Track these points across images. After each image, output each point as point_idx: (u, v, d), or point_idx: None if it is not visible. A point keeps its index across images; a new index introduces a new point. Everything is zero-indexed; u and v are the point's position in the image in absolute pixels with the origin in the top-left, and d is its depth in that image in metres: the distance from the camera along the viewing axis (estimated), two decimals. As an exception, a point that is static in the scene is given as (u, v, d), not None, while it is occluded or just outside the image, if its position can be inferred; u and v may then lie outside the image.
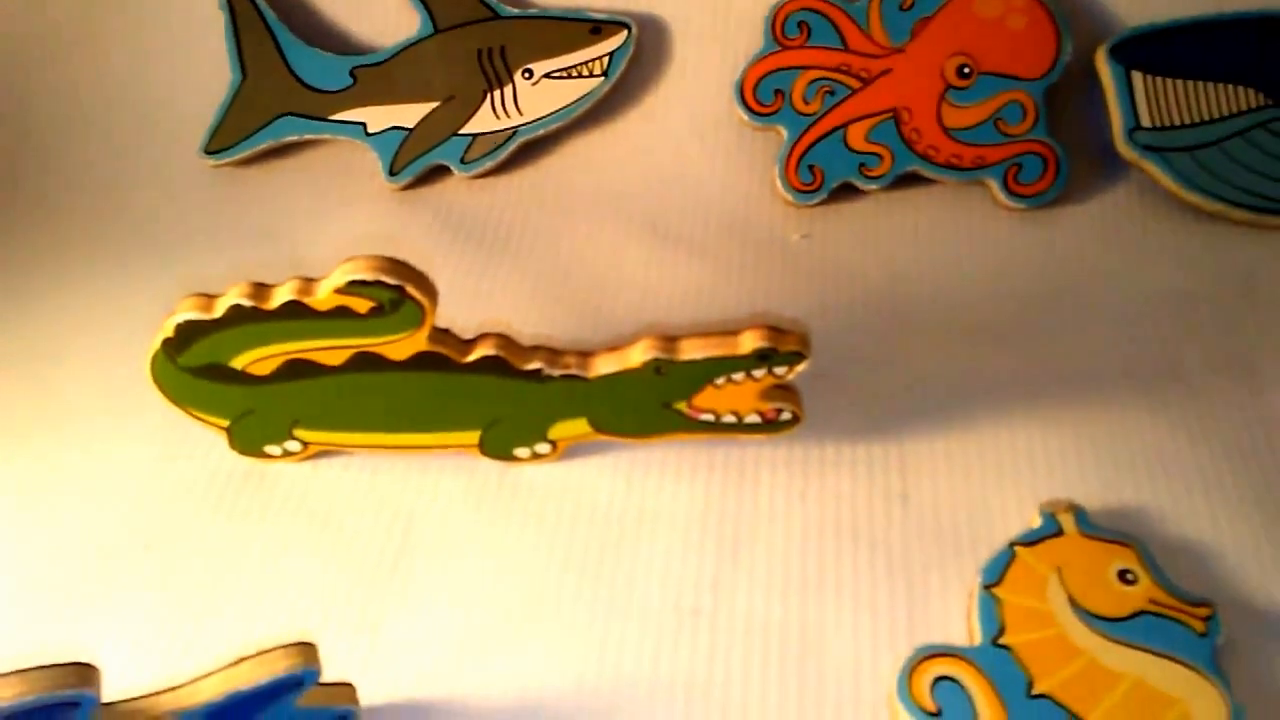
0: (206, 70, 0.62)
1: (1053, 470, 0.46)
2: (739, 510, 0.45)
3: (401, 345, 0.40)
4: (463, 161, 0.62)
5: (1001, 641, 0.38)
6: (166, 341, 0.40)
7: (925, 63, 0.58)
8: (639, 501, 0.46)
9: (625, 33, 0.60)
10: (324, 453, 0.48)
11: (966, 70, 0.58)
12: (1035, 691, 0.37)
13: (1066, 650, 0.38)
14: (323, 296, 0.38)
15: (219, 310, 0.39)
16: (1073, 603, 0.39)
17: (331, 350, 0.41)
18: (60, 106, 0.64)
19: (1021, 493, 0.45)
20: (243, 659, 0.33)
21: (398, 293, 0.38)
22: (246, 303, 0.39)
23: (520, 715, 0.39)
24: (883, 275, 0.56)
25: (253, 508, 0.46)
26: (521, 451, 0.46)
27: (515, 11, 0.61)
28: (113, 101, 0.64)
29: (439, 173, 0.62)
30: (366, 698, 0.38)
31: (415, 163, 0.62)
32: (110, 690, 0.32)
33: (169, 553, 0.45)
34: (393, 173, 0.62)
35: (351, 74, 0.61)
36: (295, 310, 0.39)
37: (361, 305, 0.39)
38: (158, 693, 0.34)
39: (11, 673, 0.30)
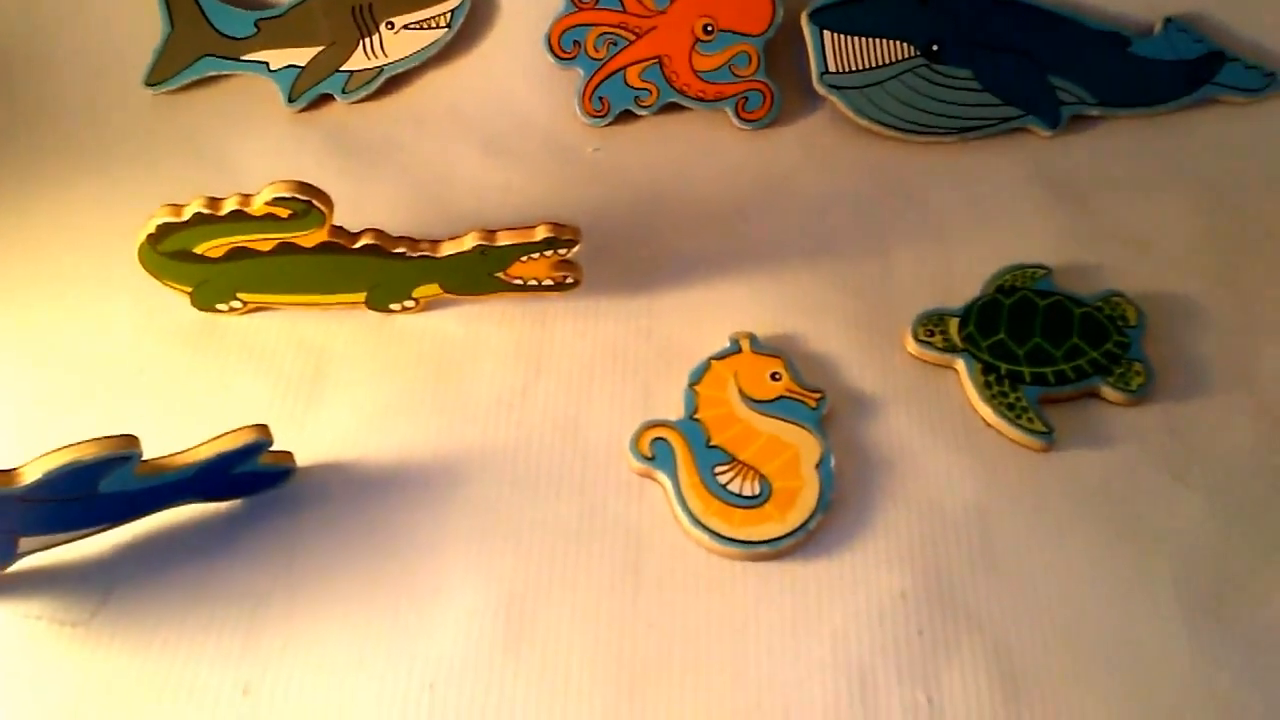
0: (143, 20, 0.70)
1: (742, 311, 0.61)
2: (540, 342, 0.60)
3: (310, 237, 0.55)
4: (344, 91, 0.71)
5: (695, 417, 0.56)
6: (149, 236, 0.55)
7: (681, 22, 0.69)
8: (474, 337, 0.60)
9: None
10: (258, 308, 0.61)
11: (709, 28, 0.69)
12: (712, 443, 0.55)
13: (733, 420, 0.56)
14: (257, 207, 0.53)
15: (186, 215, 0.53)
16: (741, 393, 0.57)
17: (263, 241, 0.55)
18: (21, 48, 0.72)
19: (720, 326, 0.60)
20: (225, 434, 0.49)
21: (307, 204, 0.53)
22: (205, 210, 0.53)
23: (403, 467, 0.55)
24: (650, 177, 0.69)
25: (209, 347, 0.60)
26: (395, 306, 0.61)
27: None
28: (66, 45, 0.71)
29: (325, 100, 0.72)
30: (300, 460, 0.54)
31: (307, 93, 0.71)
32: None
33: (151, 377, 0.58)
34: (290, 100, 0.71)
35: (256, 25, 0.70)
36: (238, 215, 0.53)
37: (283, 211, 0.53)
38: (173, 454, 0.49)
39: (87, 440, 0.45)
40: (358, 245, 0.56)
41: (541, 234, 0.56)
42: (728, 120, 0.71)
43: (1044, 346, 0.59)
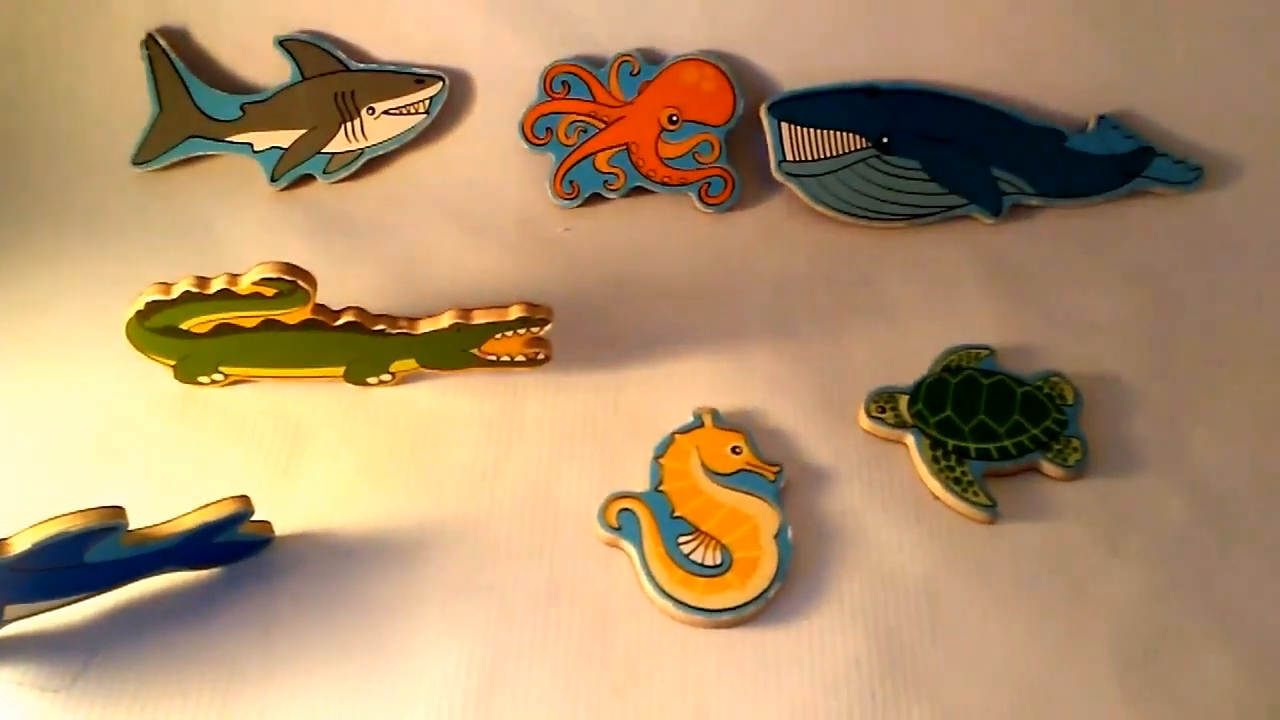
0: (131, 100, 0.73)
1: (704, 387, 0.64)
2: (511, 415, 0.63)
3: (294, 314, 0.57)
4: (325, 172, 0.75)
5: (660, 489, 0.59)
6: (138, 312, 0.57)
7: (648, 112, 0.73)
8: (448, 409, 0.63)
9: (441, 84, 0.73)
10: (239, 380, 0.63)
11: (674, 119, 0.73)
12: (676, 514, 0.58)
13: (695, 492, 0.59)
14: (244, 286, 0.55)
15: (175, 293, 0.56)
16: (703, 465, 0.60)
17: (248, 318, 0.58)
18: (11, 123, 0.75)
19: (684, 400, 0.63)
20: (208, 505, 0.51)
21: (292, 284, 0.55)
22: (194, 289, 0.55)
23: (379, 536, 0.57)
24: (617, 257, 0.72)
25: (191, 418, 0.62)
26: (372, 379, 0.63)
27: (361, 66, 0.73)
28: (56, 122, 0.75)
29: (307, 180, 0.75)
30: (278, 529, 0.57)
31: (290, 173, 0.75)
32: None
33: (134, 447, 0.61)
34: (273, 179, 0.75)
35: (241, 108, 0.73)
36: (225, 294, 0.55)
37: (269, 291, 0.55)
38: (158, 524, 0.50)
39: (75, 511, 0.46)
40: (339, 323, 0.59)
41: (515, 313, 0.59)
42: (691, 204, 0.75)
43: (988, 423, 0.62)
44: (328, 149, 0.75)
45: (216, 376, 0.63)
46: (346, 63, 0.73)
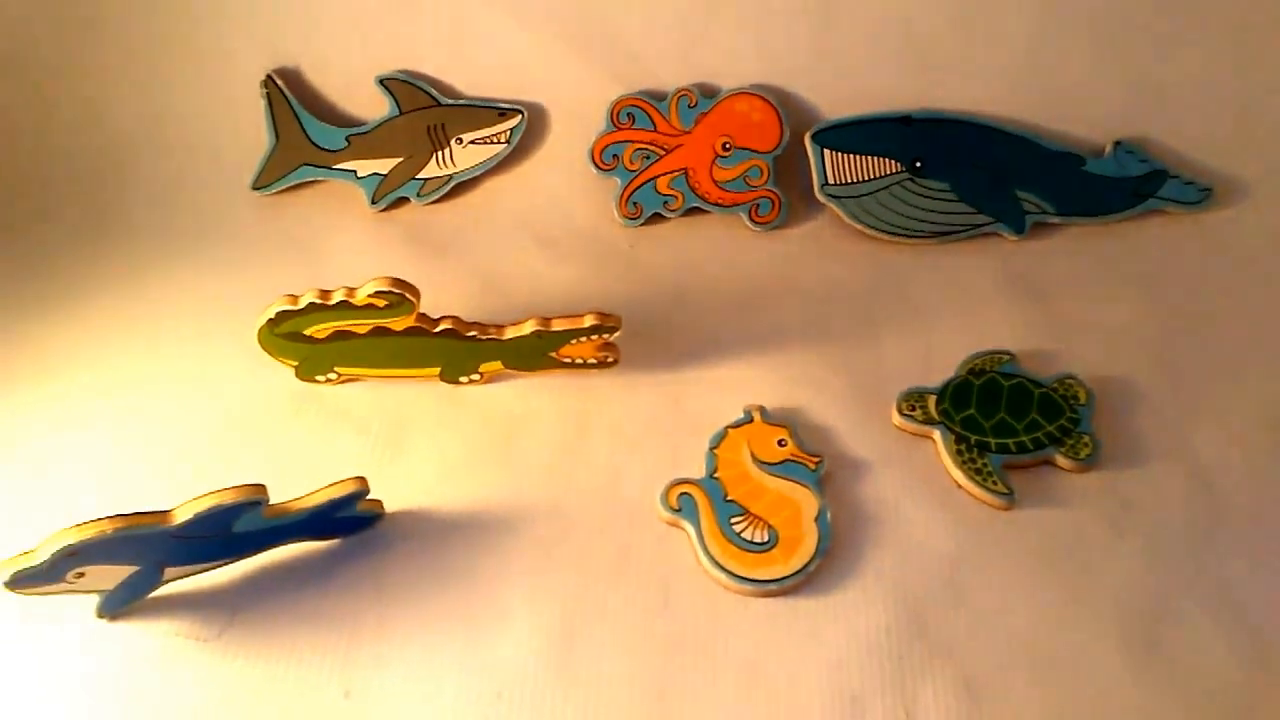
0: (251, 133, 0.80)
1: (754, 386, 0.69)
2: (584, 411, 0.68)
3: (400, 322, 0.64)
4: (419, 195, 0.80)
5: (715, 476, 0.64)
6: (269, 320, 0.64)
7: (704, 140, 0.78)
8: (529, 406, 0.69)
9: (520, 116, 0.79)
10: (351, 379, 0.70)
11: (728, 146, 0.78)
12: (728, 498, 0.63)
13: (746, 479, 0.64)
14: (360, 298, 0.62)
15: (301, 304, 0.62)
16: (753, 456, 0.65)
17: (361, 325, 0.64)
18: (146, 151, 0.82)
19: (736, 398, 0.67)
20: (332, 484, 0.58)
21: (401, 296, 0.62)
22: (318, 300, 0.62)
23: (472, 513, 0.63)
24: (676, 271, 0.77)
25: (310, 411, 0.69)
26: (463, 378, 0.69)
27: (450, 101, 0.79)
28: (189, 156, 0.81)
29: (403, 202, 0.81)
30: (388, 507, 0.63)
31: (388, 196, 0.80)
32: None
33: (263, 436, 0.67)
34: (373, 202, 0.80)
35: (346, 139, 0.79)
36: (343, 305, 0.62)
37: (381, 302, 0.62)
38: (292, 500, 0.57)
39: (227, 488, 0.53)
40: (438, 329, 0.65)
41: (589, 321, 0.65)
42: (742, 223, 0.80)
43: (1007, 420, 0.66)
44: (421, 175, 0.80)
45: (331, 375, 0.69)
46: (438, 98, 0.79)
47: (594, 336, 0.66)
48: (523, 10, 0.78)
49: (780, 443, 0.66)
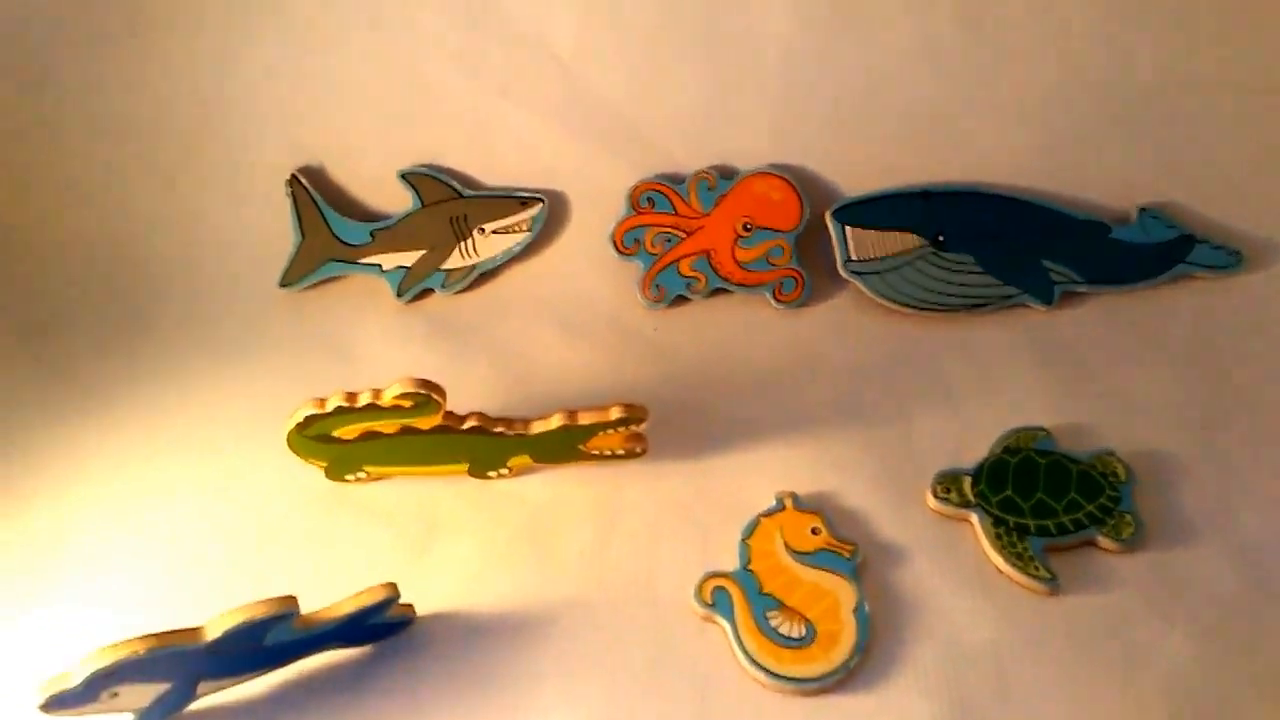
0: (276, 230, 0.80)
1: (784, 471, 0.68)
2: (614, 502, 0.67)
3: (426, 421, 0.64)
4: (443, 286, 0.81)
5: (749, 568, 0.63)
6: (297, 424, 0.63)
7: (724, 222, 0.78)
8: (558, 499, 0.68)
9: (541, 204, 0.80)
10: (379, 477, 0.70)
11: (748, 227, 0.78)
12: (763, 591, 0.62)
13: (780, 570, 0.63)
14: (386, 400, 0.61)
15: (329, 408, 0.62)
16: (786, 545, 0.64)
17: (388, 425, 0.64)
18: (173, 251, 0.83)
19: (766, 483, 0.67)
20: (362, 592, 0.57)
21: (427, 397, 0.62)
22: (344, 403, 0.62)
23: (504, 613, 0.62)
24: (701, 352, 0.77)
25: (339, 511, 0.68)
26: (492, 473, 0.69)
27: (472, 192, 0.79)
28: (214, 253, 0.82)
29: (427, 293, 0.81)
30: (418, 609, 0.62)
31: (413, 288, 0.81)
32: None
33: (291, 538, 0.66)
34: (399, 294, 0.81)
35: (371, 234, 0.80)
36: (369, 406, 0.62)
37: (407, 403, 0.61)
38: (323, 609, 0.56)
39: (258, 601, 0.52)
40: (465, 426, 0.65)
41: (616, 414, 0.65)
42: (766, 302, 0.80)
43: (1046, 501, 0.65)
44: (445, 266, 0.81)
45: (361, 475, 0.69)
46: (460, 190, 0.80)
47: (621, 428, 0.66)
48: (540, 100, 0.79)
49: (814, 530, 0.65)
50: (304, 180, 0.80)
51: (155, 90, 0.79)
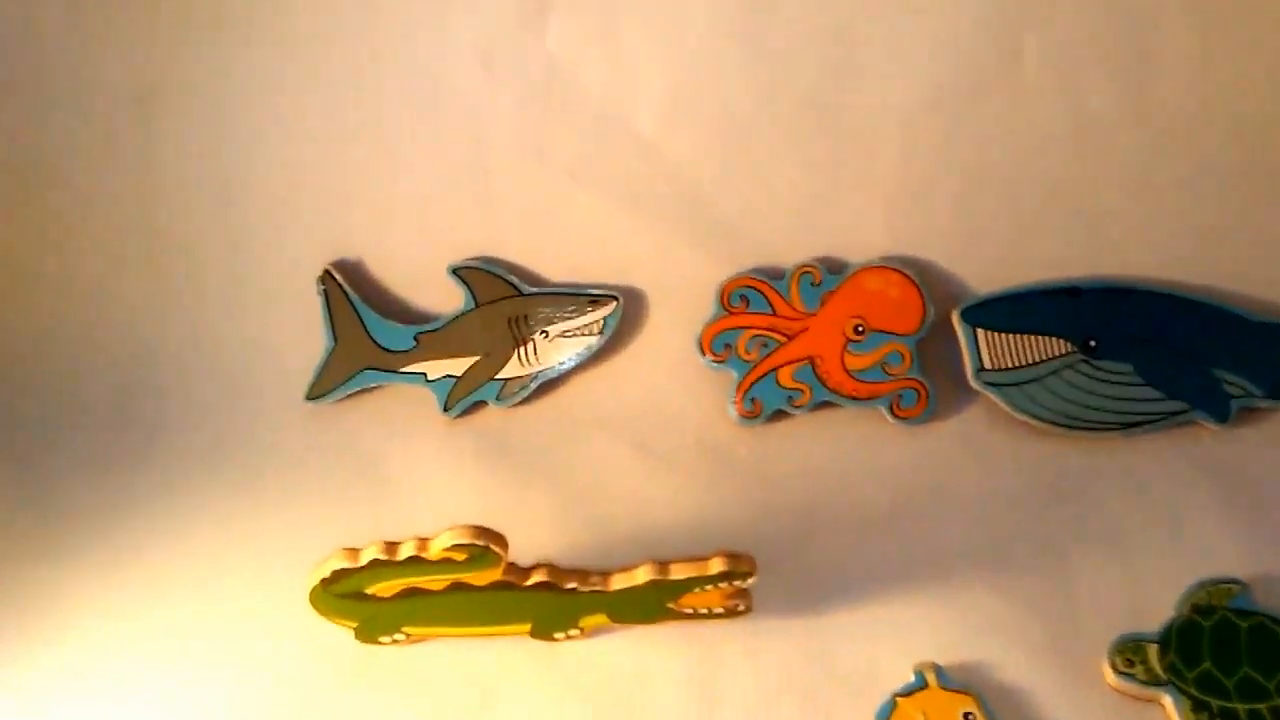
0: (306, 333, 0.73)
1: (918, 632, 0.58)
2: (710, 671, 0.57)
3: (483, 576, 0.53)
4: (498, 398, 0.73)
5: None
6: (323, 580, 0.53)
7: (831, 324, 0.71)
8: (642, 666, 0.58)
9: (614, 303, 0.73)
10: (419, 639, 0.59)
11: (860, 329, 0.71)
12: None
13: None
14: (434, 553, 0.51)
15: (362, 561, 0.52)
16: None
17: (435, 580, 0.54)
18: (182, 360, 0.75)
19: (896, 647, 0.57)
20: None
21: (484, 549, 0.51)
22: (381, 556, 0.51)
23: None
24: (806, 478, 0.68)
25: (371, 680, 0.58)
26: (559, 635, 0.58)
27: (534, 289, 0.73)
28: (236, 363, 0.75)
29: (480, 406, 0.74)
30: None
31: (463, 401, 0.73)
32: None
33: (313, 710, 0.57)
34: (446, 409, 0.73)
35: (415, 339, 0.73)
36: (414, 560, 0.51)
37: (460, 555, 0.51)
38: None
39: None
40: (530, 582, 0.54)
41: (716, 567, 0.53)
42: (883, 418, 0.71)
43: (1253, 677, 0.54)
44: (501, 375, 0.74)
45: (399, 636, 0.58)
46: (519, 286, 0.73)
47: (723, 583, 0.55)
48: (614, 183, 0.73)
49: (967, 716, 0.54)
50: (338, 276, 0.73)
51: (163, 172, 0.74)
